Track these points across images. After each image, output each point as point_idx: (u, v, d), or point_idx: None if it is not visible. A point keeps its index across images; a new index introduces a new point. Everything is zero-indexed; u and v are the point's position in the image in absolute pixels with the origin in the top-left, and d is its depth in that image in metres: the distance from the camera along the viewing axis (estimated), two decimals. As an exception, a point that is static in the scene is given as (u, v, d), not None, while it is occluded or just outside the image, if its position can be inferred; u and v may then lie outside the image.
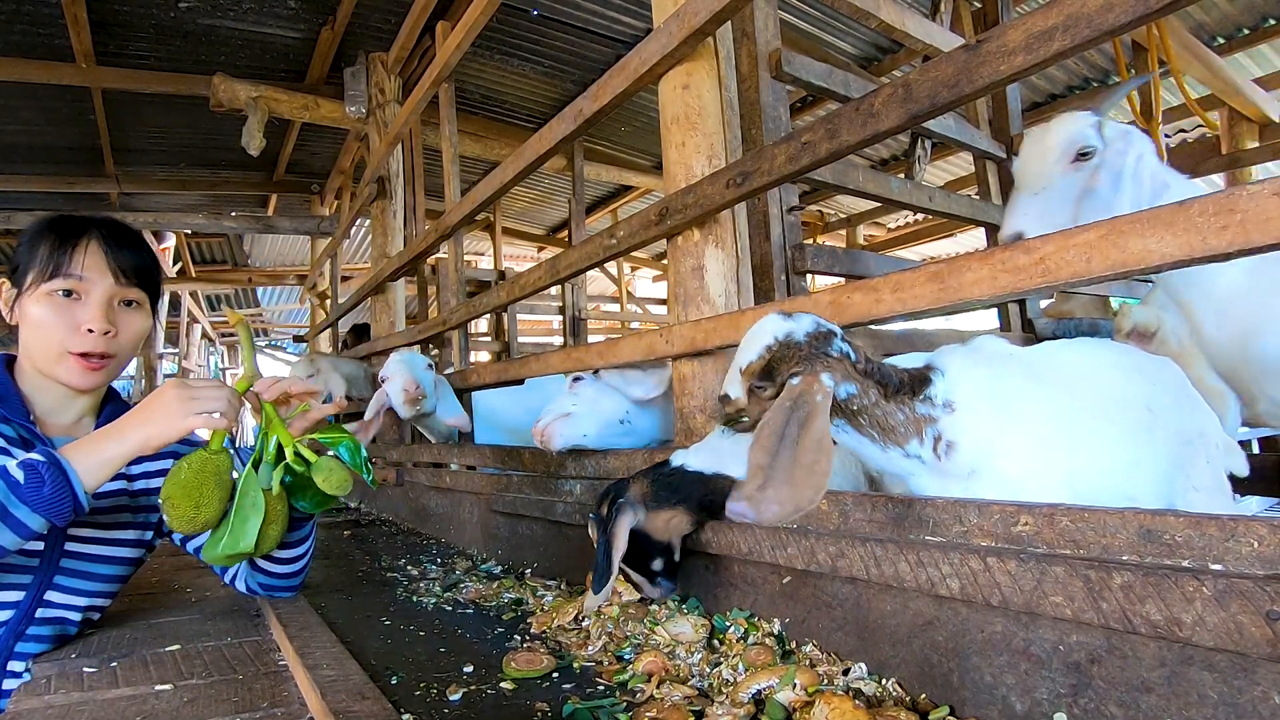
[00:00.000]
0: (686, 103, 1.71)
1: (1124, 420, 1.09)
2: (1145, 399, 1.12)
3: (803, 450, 0.91)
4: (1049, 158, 1.61)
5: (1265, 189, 0.74)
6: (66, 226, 1.32)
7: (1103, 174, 1.58)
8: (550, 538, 1.93)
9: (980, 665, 0.89)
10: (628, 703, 1.01)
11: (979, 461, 1.02)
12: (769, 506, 0.88)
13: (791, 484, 0.89)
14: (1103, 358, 1.18)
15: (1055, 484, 1.01)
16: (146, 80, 4.87)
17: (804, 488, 0.89)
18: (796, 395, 0.96)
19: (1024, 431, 1.04)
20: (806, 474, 0.90)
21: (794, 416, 0.94)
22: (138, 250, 1.36)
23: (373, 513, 3.79)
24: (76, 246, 1.29)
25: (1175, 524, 0.74)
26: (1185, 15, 4.39)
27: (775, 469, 0.90)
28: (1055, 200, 1.57)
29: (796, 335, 1.03)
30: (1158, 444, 1.09)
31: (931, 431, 1.02)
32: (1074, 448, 1.04)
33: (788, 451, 0.91)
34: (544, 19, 4.56)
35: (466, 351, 3.06)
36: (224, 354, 15.70)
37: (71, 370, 1.30)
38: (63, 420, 1.37)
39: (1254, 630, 0.65)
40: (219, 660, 1.22)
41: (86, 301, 1.30)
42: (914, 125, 1.18)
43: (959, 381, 1.05)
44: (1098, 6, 0.89)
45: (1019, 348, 1.16)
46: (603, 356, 1.90)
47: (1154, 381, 1.18)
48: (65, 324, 1.28)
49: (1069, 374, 1.12)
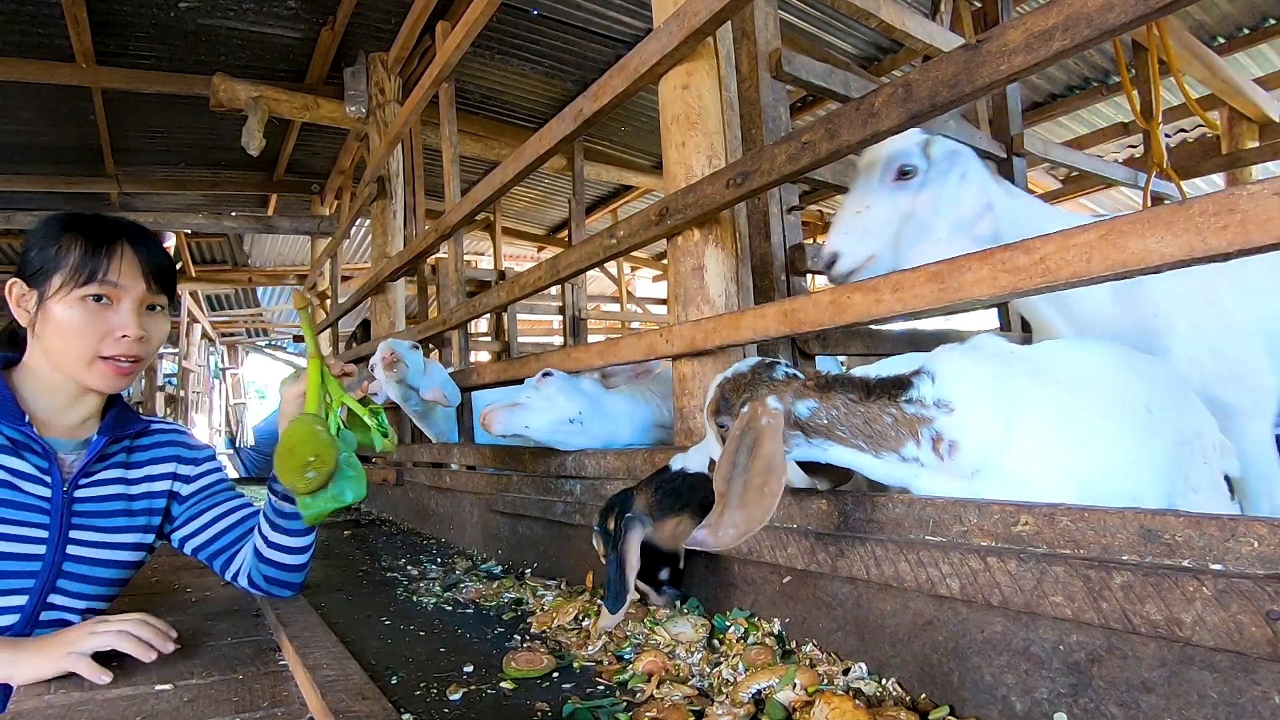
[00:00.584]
0: (686, 102, 1.71)
1: (1125, 420, 1.08)
2: (1145, 399, 1.11)
3: (753, 474, 0.96)
4: (872, 175, 1.54)
5: (1265, 189, 0.74)
6: (97, 230, 1.30)
7: (925, 194, 1.50)
8: (550, 538, 1.93)
9: (980, 665, 0.89)
10: (628, 703, 1.01)
11: (983, 460, 1.01)
12: (725, 531, 0.94)
13: (744, 506, 0.94)
14: (1103, 357, 1.17)
15: (1060, 483, 1.00)
16: (146, 80, 4.87)
17: (754, 509, 0.93)
18: (745, 422, 1.01)
19: (1028, 430, 1.02)
20: (757, 496, 0.94)
21: (743, 443, 0.99)
22: (163, 254, 1.38)
23: (373, 513, 3.80)
24: (112, 252, 1.28)
25: (1175, 524, 0.74)
26: (1185, 15, 4.39)
27: (730, 495, 0.95)
28: (876, 220, 1.50)
29: (741, 369, 1.10)
30: (1157, 444, 1.09)
31: (928, 432, 1.02)
32: (1077, 447, 1.03)
33: (739, 477, 0.96)
34: (544, 19, 4.56)
35: (466, 351, 3.06)
36: (224, 354, 15.70)
37: (102, 375, 1.30)
38: (67, 422, 1.37)
39: (1254, 630, 0.65)
40: (219, 660, 1.22)
41: (119, 307, 1.30)
42: (914, 125, 1.18)
43: (958, 380, 1.04)
44: (1098, 6, 0.89)
45: (1019, 346, 1.16)
46: (602, 356, 1.90)
47: (1153, 381, 1.18)
48: (98, 330, 1.28)
49: (1070, 373, 1.11)
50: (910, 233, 1.49)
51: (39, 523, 1.27)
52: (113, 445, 1.40)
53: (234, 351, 16.00)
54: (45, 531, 1.27)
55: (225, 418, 15.51)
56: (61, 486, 1.30)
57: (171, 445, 1.50)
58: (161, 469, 1.46)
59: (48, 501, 1.28)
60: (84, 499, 1.34)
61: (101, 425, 1.39)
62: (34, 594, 1.26)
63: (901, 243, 1.48)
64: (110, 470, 1.39)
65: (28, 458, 1.28)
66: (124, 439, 1.43)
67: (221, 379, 15.52)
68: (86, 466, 1.34)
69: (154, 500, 1.44)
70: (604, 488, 1.71)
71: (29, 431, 1.28)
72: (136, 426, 1.45)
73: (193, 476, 1.50)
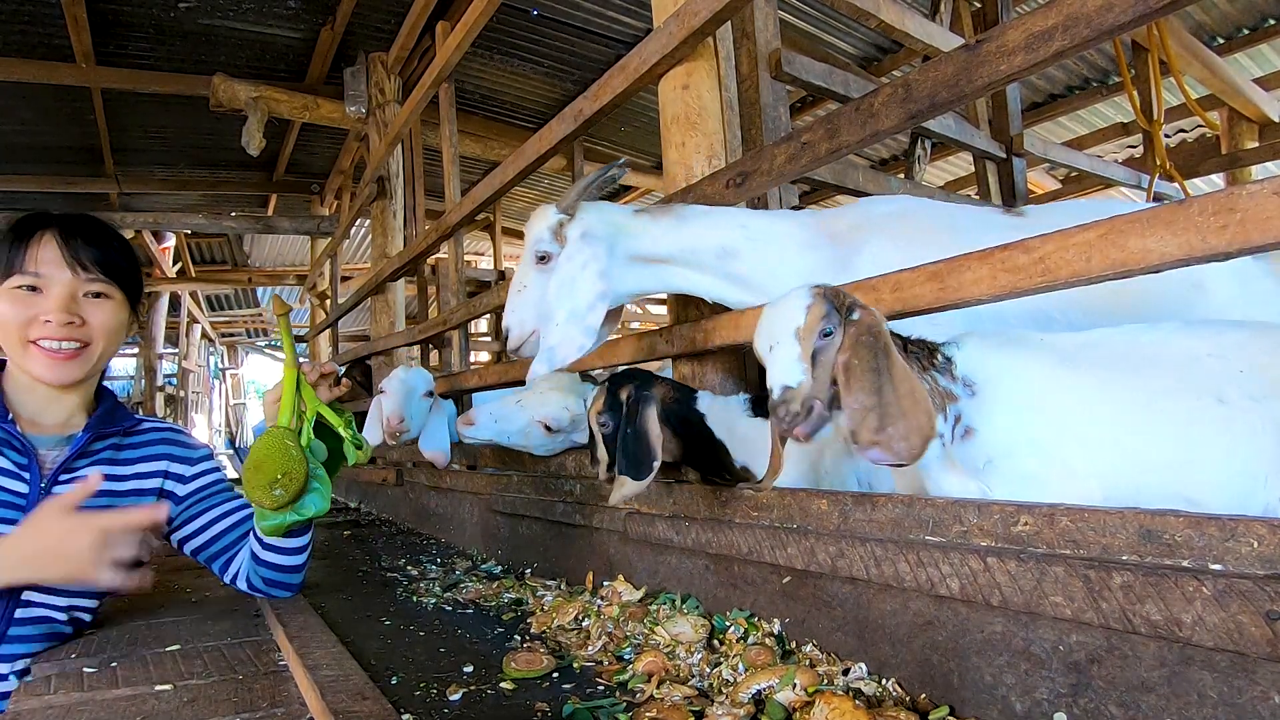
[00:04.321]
0: (686, 103, 1.71)
1: (1180, 413, 0.96)
2: (1216, 389, 0.96)
3: (899, 380, 0.88)
4: (524, 256, 1.56)
5: (1265, 188, 0.74)
6: (24, 224, 1.35)
7: (554, 279, 1.50)
8: (550, 538, 1.93)
9: (980, 665, 0.89)
10: (628, 703, 1.01)
11: (997, 451, 0.97)
12: (900, 444, 0.86)
13: (905, 416, 0.86)
14: (1159, 343, 1.03)
15: (1083, 480, 0.94)
16: (146, 80, 4.88)
17: (918, 414, 0.86)
18: (867, 328, 0.91)
19: (1050, 423, 0.97)
20: (912, 402, 0.87)
21: (876, 346, 0.90)
22: (102, 244, 1.37)
23: (373, 513, 3.79)
24: (31, 242, 1.32)
25: (1175, 524, 0.74)
26: (1185, 15, 4.39)
27: (884, 405, 0.87)
28: (531, 299, 1.51)
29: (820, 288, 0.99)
30: (1234, 439, 0.94)
31: (953, 410, 0.97)
32: (1110, 441, 0.95)
33: (887, 385, 0.88)
34: (544, 19, 4.56)
35: (467, 352, 3.06)
36: (224, 354, 15.71)
37: (37, 361, 1.31)
38: (52, 420, 1.38)
39: (1254, 630, 0.65)
40: (219, 660, 1.22)
41: (47, 294, 1.31)
42: (913, 125, 1.18)
43: (982, 363, 0.99)
44: (1098, 6, 0.89)
45: (1051, 333, 1.09)
46: (602, 357, 1.90)
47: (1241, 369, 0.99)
48: (25, 315, 1.30)
49: (1111, 361, 1.01)
50: (544, 314, 1.51)
51: (12, 519, 1.26)
52: (98, 442, 1.39)
53: (234, 351, 16.00)
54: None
55: (225, 418, 15.52)
56: (40, 483, 1.30)
57: (164, 444, 1.50)
58: (152, 467, 1.46)
59: (24, 498, 1.28)
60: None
61: (87, 423, 1.39)
62: (10, 589, 1.25)
63: (546, 317, 1.51)
64: (94, 467, 1.37)
65: (7, 454, 1.29)
66: (110, 436, 1.42)
67: (221, 379, 15.53)
68: (67, 463, 1.34)
69: (143, 498, 1.43)
70: (604, 488, 1.71)
71: (9, 428, 1.29)
72: (126, 423, 1.45)
73: (188, 476, 1.50)
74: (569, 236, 1.50)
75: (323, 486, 1.36)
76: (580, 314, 1.46)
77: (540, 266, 1.51)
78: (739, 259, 1.47)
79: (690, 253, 1.50)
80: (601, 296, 1.46)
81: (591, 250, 1.48)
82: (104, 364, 1.41)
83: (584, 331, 1.46)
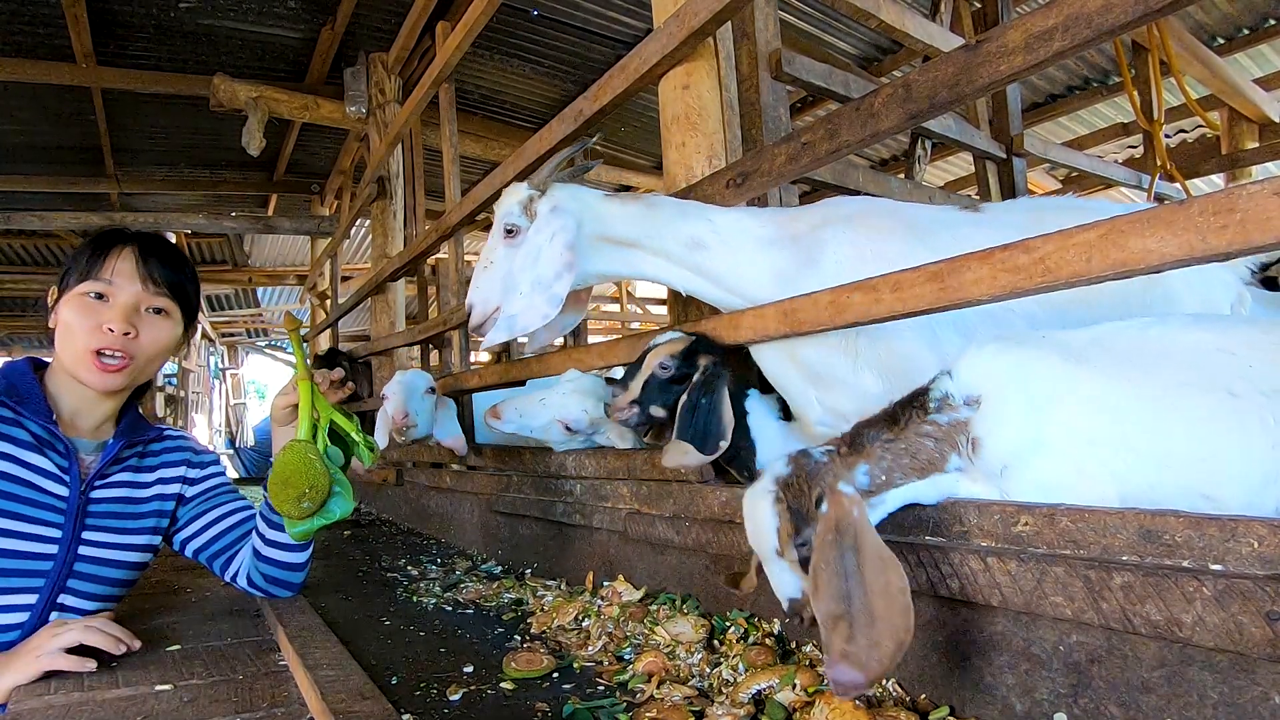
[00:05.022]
0: (686, 103, 1.71)
1: (1193, 407, 0.94)
2: (1228, 384, 0.94)
3: (870, 577, 0.81)
4: (495, 230, 1.55)
5: (1265, 188, 0.74)
6: (106, 237, 1.40)
7: (521, 252, 1.49)
8: (550, 538, 1.93)
9: (980, 665, 0.89)
10: (628, 703, 1.01)
11: (1010, 455, 0.95)
12: (871, 655, 0.78)
13: (878, 619, 0.79)
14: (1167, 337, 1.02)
15: (1099, 477, 0.92)
16: (146, 80, 4.87)
17: (891, 616, 0.79)
18: (834, 523, 0.85)
19: (1060, 421, 0.95)
20: (885, 601, 0.79)
21: (843, 547, 0.83)
22: (174, 265, 1.42)
23: (373, 513, 3.80)
24: (110, 253, 1.36)
25: (1175, 524, 0.74)
26: (1185, 15, 4.39)
27: (854, 611, 0.80)
28: (496, 276, 1.50)
29: (780, 474, 0.94)
30: (1248, 434, 0.92)
31: (965, 438, 0.94)
32: (1121, 438, 0.93)
33: (856, 586, 0.81)
34: (544, 19, 4.56)
35: (467, 352, 3.06)
36: (224, 354, 15.70)
37: (90, 369, 1.33)
38: (87, 424, 1.40)
39: (1254, 630, 0.65)
40: (219, 660, 1.22)
41: (113, 304, 1.35)
42: (914, 125, 1.18)
43: (984, 372, 0.98)
44: (1098, 6, 0.89)
45: (1057, 330, 1.07)
46: (603, 357, 1.90)
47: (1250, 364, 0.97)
48: (90, 323, 1.32)
49: (1120, 356, 0.99)
50: (511, 290, 1.50)
51: (55, 522, 1.30)
52: (127, 450, 1.43)
53: (234, 352, 15.99)
54: (59, 531, 1.30)
55: (225, 418, 15.51)
56: (79, 486, 1.33)
57: (181, 450, 1.54)
58: (173, 473, 1.50)
59: (65, 501, 1.31)
60: (98, 500, 1.37)
61: (118, 429, 1.42)
62: (44, 592, 1.28)
63: (510, 294, 1.50)
64: (123, 473, 1.42)
65: (50, 455, 1.31)
66: (138, 444, 1.46)
67: (221, 379, 15.52)
68: (102, 468, 1.38)
69: (164, 503, 1.48)
70: (604, 488, 1.71)
71: (54, 429, 1.31)
72: (151, 432, 1.50)
73: (198, 479, 1.54)
74: (539, 211, 1.50)
75: (344, 489, 1.40)
76: (546, 283, 1.46)
77: (508, 241, 1.51)
78: (706, 251, 1.47)
79: (657, 239, 1.49)
80: (568, 267, 1.46)
81: (561, 222, 1.48)
82: (144, 379, 1.44)
83: (548, 300, 1.45)
